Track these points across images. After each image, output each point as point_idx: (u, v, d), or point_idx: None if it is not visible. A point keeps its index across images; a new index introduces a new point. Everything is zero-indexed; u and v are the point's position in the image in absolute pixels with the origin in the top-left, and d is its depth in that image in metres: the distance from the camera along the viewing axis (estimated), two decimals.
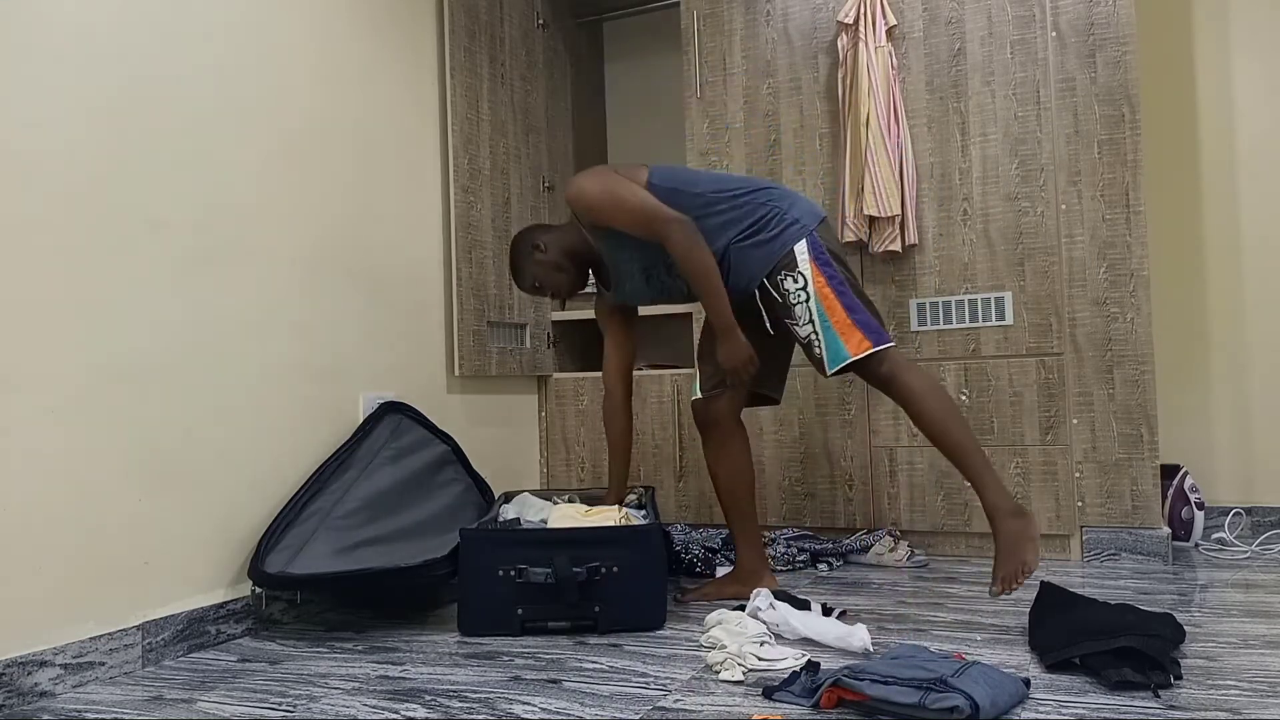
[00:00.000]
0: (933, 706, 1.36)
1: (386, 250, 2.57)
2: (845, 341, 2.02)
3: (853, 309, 2.03)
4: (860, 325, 2.02)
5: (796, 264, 2.05)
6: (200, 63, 2.04)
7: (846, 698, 1.45)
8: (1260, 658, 1.65)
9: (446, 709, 1.54)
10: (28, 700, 1.63)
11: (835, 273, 2.05)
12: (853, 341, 2.02)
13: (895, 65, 2.71)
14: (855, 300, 2.05)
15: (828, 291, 2.03)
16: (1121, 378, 2.53)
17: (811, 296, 2.04)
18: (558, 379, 3.25)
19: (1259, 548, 2.65)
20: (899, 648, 1.64)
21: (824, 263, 2.05)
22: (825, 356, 2.04)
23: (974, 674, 1.43)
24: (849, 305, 2.03)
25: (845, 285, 2.05)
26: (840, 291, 2.04)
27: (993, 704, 1.37)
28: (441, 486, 2.42)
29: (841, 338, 2.02)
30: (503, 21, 3.08)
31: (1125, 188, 2.54)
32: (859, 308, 2.04)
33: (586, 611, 1.99)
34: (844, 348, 2.02)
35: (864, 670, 1.46)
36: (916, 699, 1.38)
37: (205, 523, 2.01)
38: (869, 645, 1.76)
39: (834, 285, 2.04)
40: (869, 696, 1.42)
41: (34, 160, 1.70)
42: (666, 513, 3.03)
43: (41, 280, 1.70)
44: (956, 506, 2.68)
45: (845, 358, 2.02)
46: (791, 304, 2.06)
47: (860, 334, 2.02)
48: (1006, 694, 1.42)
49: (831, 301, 2.03)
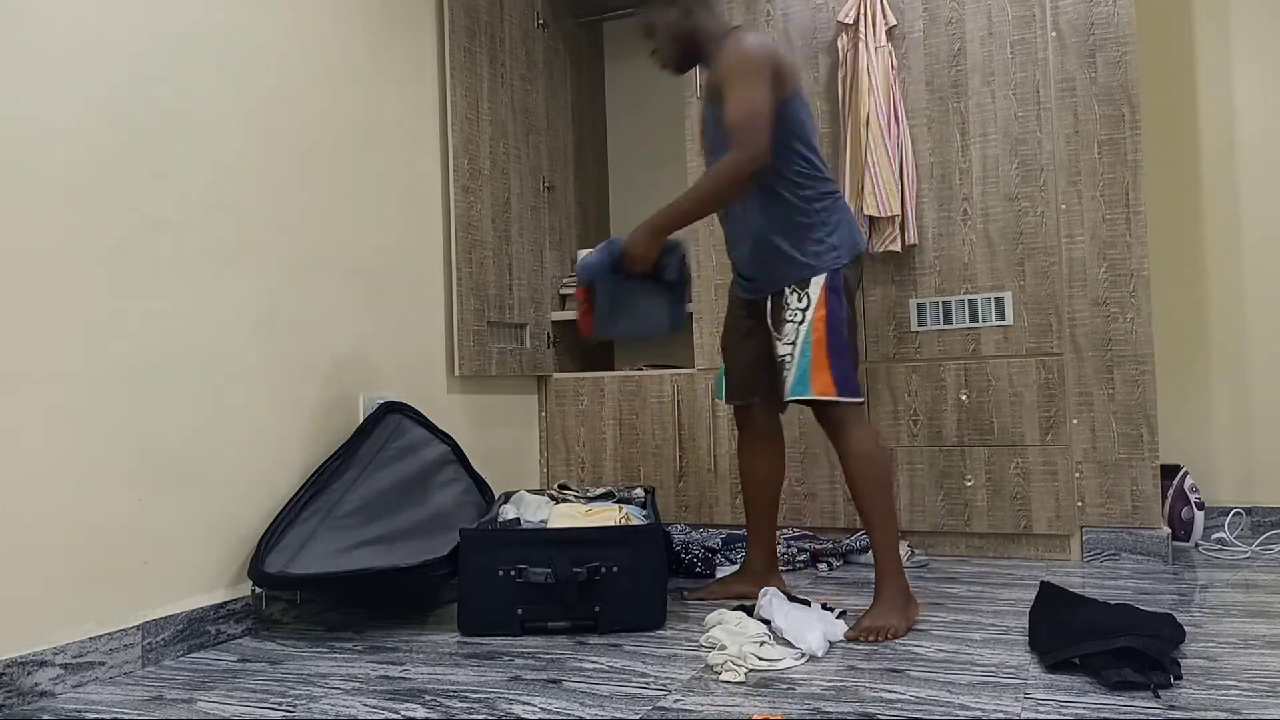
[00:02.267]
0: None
1: (386, 250, 2.57)
2: (813, 379, 1.98)
3: (837, 353, 1.99)
4: (835, 371, 1.98)
5: (809, 285, 2.01)
6: (200, 62, 2.04)
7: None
8: (1260, 658, 1.65)
9: (446, 709, 1.54)
10: (28, 700, 1.63)
11: (840, 312, 2.01)
12: (820, 382, 1.98)
13: (895, 65, 2.71)
14: (844, 346, 2.01)
15: (822, 327, 1.99)
16: (1121, 378, 2.53)
17: (806, 321, 2.01)
18: (558, 379, 3.25)
19: (1259, 548, 2.65)
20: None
21: (835, 298, 2.01)
22: (789, 382, 2.01)
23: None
24: (835, 348, 1.99)
25: (842, 328, 2.01)
26: (833, 331, 2.00)
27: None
28: (441, 486, 2.42)
29: (812, 373, 1.99)
30: (503, 21, 3.08)
31: (1125, 188, 2.53)
32: (844, 355, 2.00)
33: (586, 611, 1.99)
34: (810, 384, 1.99)
35: None
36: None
37: (205, 523, 2.01)
38: (818, 651, 1.74)
39: (830, 323, 2.00)
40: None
41: (34, 160, 1.70)
42: (666, 513, 3.03)
43: (41, 280, 1.70)
44: (956, 506, 2.68)
45: (805, 393, 1.99)
46: (785, 319, 2.04)
47: (830, 379, 1.98)
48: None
49: (820, 337, 1.99)
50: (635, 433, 3.11)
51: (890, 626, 1.87)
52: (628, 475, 3.12)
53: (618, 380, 3.14)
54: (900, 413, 2.74)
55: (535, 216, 3.22)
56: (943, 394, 2.70)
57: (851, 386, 1.99)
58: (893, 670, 1.66)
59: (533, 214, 3.20)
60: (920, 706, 1.47)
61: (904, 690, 1.55)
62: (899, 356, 2.75)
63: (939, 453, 2.70)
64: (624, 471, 3.13)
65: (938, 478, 2.70)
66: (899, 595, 1.95)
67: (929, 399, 2.70)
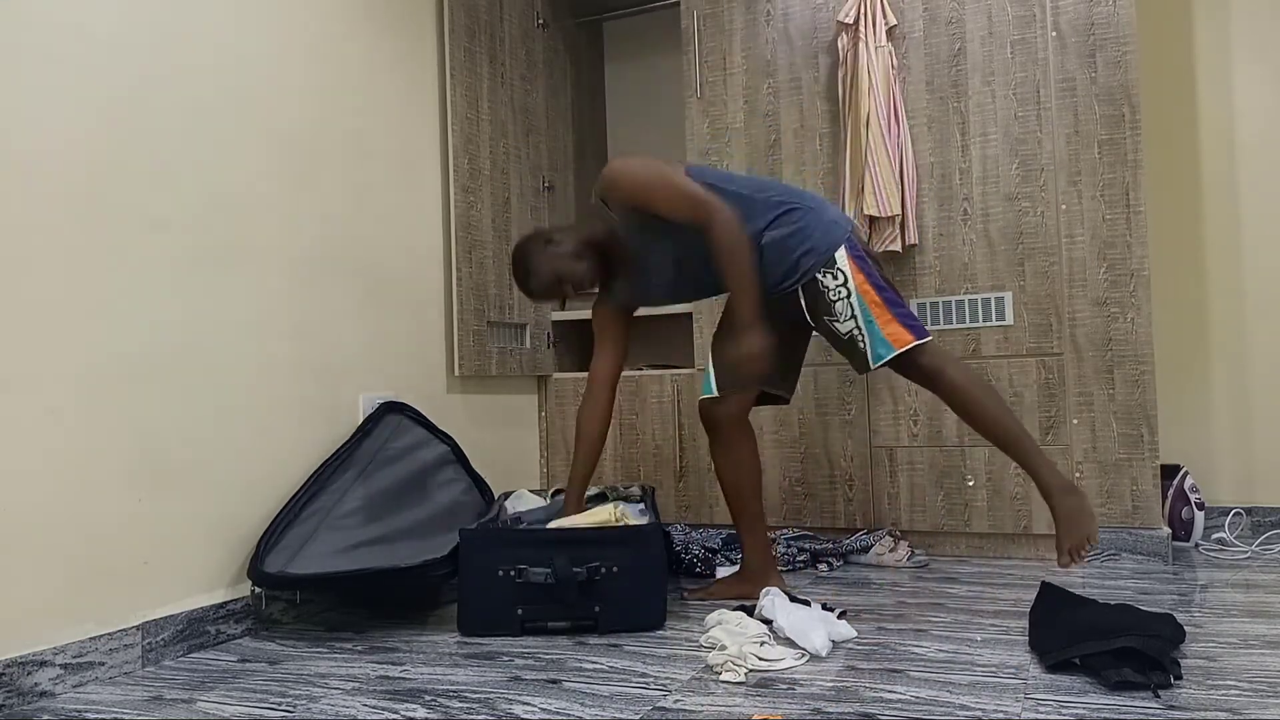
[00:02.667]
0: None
1: (386, 250, 2.57)
2: (889, 336, 2.05)
3: (894, 303, 2.07)
4: (902, 320, 2.06)
5: (836, 262, 2.06)
6: (200, 63, 2.04)
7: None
8: (1260, 658, 1.65)
9: (446, 709, 1.54)
10: (28, 700, 1.63)
11: (873, 271, 2.08)
12: (896, 336, 2.05)
13: (895, 65, 2.71)
14: (895, 296, 2.08)
15: (868, 288, 2.05)
16: (1121, 378, 2.53)
17: (853, 293, 2.05)
18: (558, 379, 3.25)
19: (1259, 548, 2.65)
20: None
21: (861, 260, 2.08)
22: (869, 351, 2.06)
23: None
24: (890, 300, 2.07)
25: (884, 282, 2.08)
26: (880, 287, 2.07)
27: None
28: (441, 486, 2.42)
29: (884, 332, 2.05)
30: (503, 21, 3.08)
31: (1125, 188, 2.53)
32: (900, 302, 2.08)
33: (586, 611, 1.98)
34: (889, 342, 2.05)
35: None
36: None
37: (205, 523, 2.01)
38: (821, 651, 1.73)
39: (873, 282, 2.06)
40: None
41: (34, 160, 1.70)
42: (666, 513, 3.03)
43: (41, 280, 1.70)
44: (956, 506, 2.68)
45: (891, 351, 2.05)
46: (832, 300, 2.07)
47: (902, 328, 2.05)
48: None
49: (873, 297, 2.05)
50: (635, 433, 3.11)
51: (1086, 538, 1.90)
52: (628, 475, 3.12)
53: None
54: (900, 413, 2.74)
55: (535, 217, 3.22)
56: None
57: (920, 328, 2.07)
58: (893, 670, 1.66)
59: (533, 214, 3.20)
60: (920, 706, 1.47)
61: (904, 690, 1.55)
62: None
63: (939, 453, 2.70)
64: (624, 471, 3.13)
65: (938, 478, 2.70)
66: (1070, 500, 1.92)
67: (929, 399, 2.70)
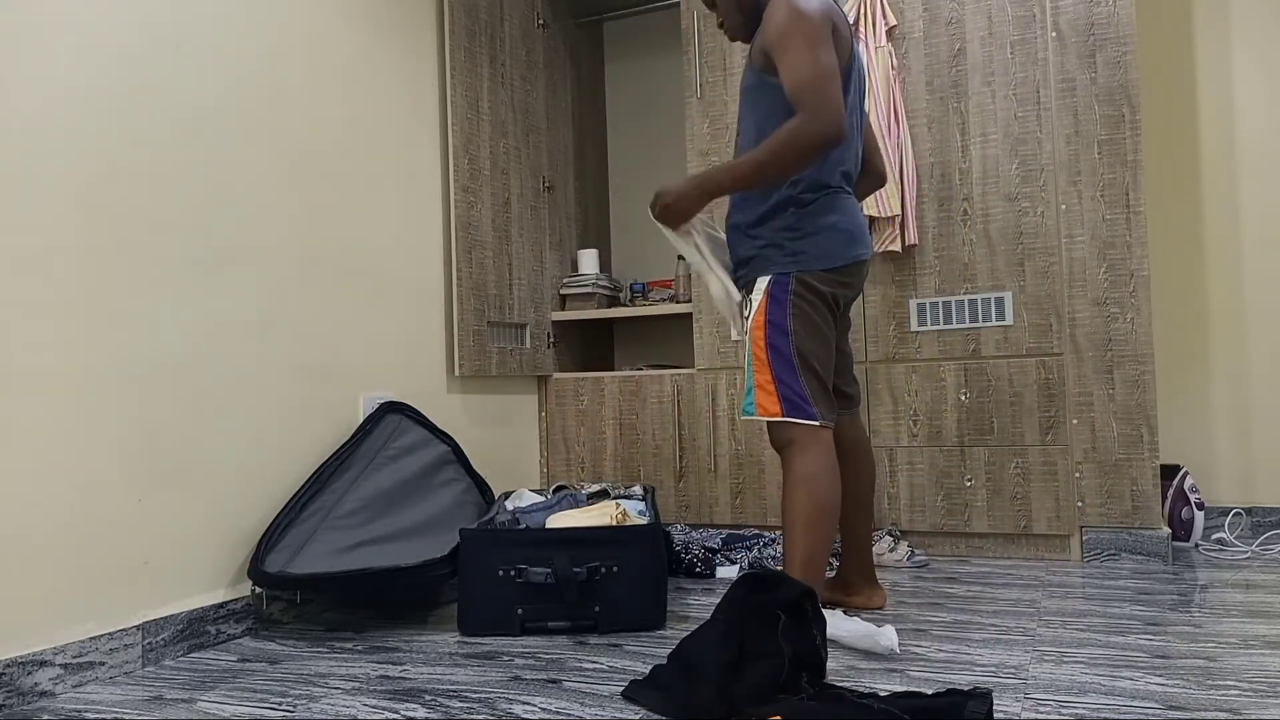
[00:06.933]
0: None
1: (386, 250, 2.57)
2: (758, 400, 1.88)
3: (781, 377, 1.84)
4: (781, 395, 1.84)
5: (754, 287, 1.90)
6: (200, 63, 2.04)
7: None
8: (1260, 658, 1.65)
9: (446, 709, 1.54)
10: (28, 700, 1.63)
11: (785, 325, 1.84)
12: (762, 404, 1.87)
13: (895, 65, 2.71)
14: (792, 364, 1.84)
15: (761, 343, 1.86)
16: (1121, 378, 2.53)
17: (748, 328, 1.91)
18: (558, 379, 3.25)
19: (1259, 548, 2.65)
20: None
21: (778, 309, 1.85)
22: (740, 398, 1.93)
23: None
24: (778, 367, 1.84)
25: (788, 345, 1.85)
26: (775, 348, 1.85)
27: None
28: (441, 486, 2.42)
29: (756, 393, 1.88)
30: (503, 21, 3.08)
31: (1125, 188, 2.54)
32: (791, 375, 1.84)
33: (586, 611, 1.99)
34: (752, 404, 1.89)
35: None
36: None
37: (205, 523, 2.01)
38: (895, 647, 1.72)
39: (772, 338, 1.85)
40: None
41: (34, 160, 1.70)
42: (666, 513, 3.03)
43: (42, 280, 1.70)
44: (956, 506, 2.68)
45: (749, 414, 1.89)
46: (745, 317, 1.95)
47: (775, 398, 1.85)
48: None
49: (761, 355, 1.86)
50: (635, 433, 3.11)
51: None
52: (628, 475, 3.12)
53: (618, 380, 3.14)
54: (900, 413, 2.74)
55: (535, 216, 3.22)
56: (943, 394, 2.70)
57: (802, 408, 1.83)
58: (893, 670, 1.66)
59: (533, 214, 3.20)
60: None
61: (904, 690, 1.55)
62: (899, 356, 2.75)
63: (939, 453, 2.70)
64: (624, 472, 3.13)
65: (938, 478, 2.70)
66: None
67: (929, 399, 2.70)
